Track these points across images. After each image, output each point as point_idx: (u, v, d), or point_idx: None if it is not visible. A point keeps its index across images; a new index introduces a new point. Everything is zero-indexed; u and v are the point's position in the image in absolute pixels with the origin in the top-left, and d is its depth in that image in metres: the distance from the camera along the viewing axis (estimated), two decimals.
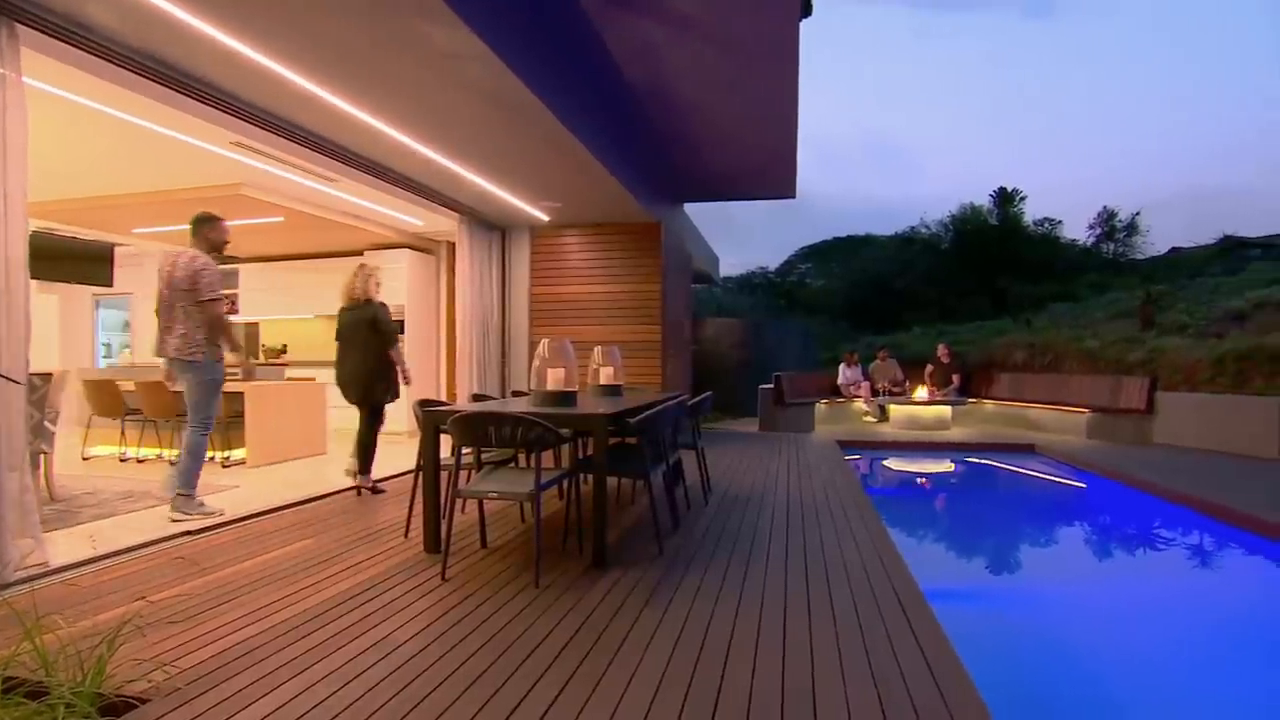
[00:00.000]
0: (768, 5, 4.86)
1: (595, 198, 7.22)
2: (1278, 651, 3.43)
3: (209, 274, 4.42)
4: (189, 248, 4.52)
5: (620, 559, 3.69)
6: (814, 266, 32.22)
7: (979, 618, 3.77)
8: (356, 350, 5.33)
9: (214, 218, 4.67)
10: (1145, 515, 5.91)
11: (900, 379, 11.63)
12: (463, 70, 4.04)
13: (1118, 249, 28.04)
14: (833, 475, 6.37)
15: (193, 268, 4.39)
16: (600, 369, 5.11)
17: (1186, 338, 12.17)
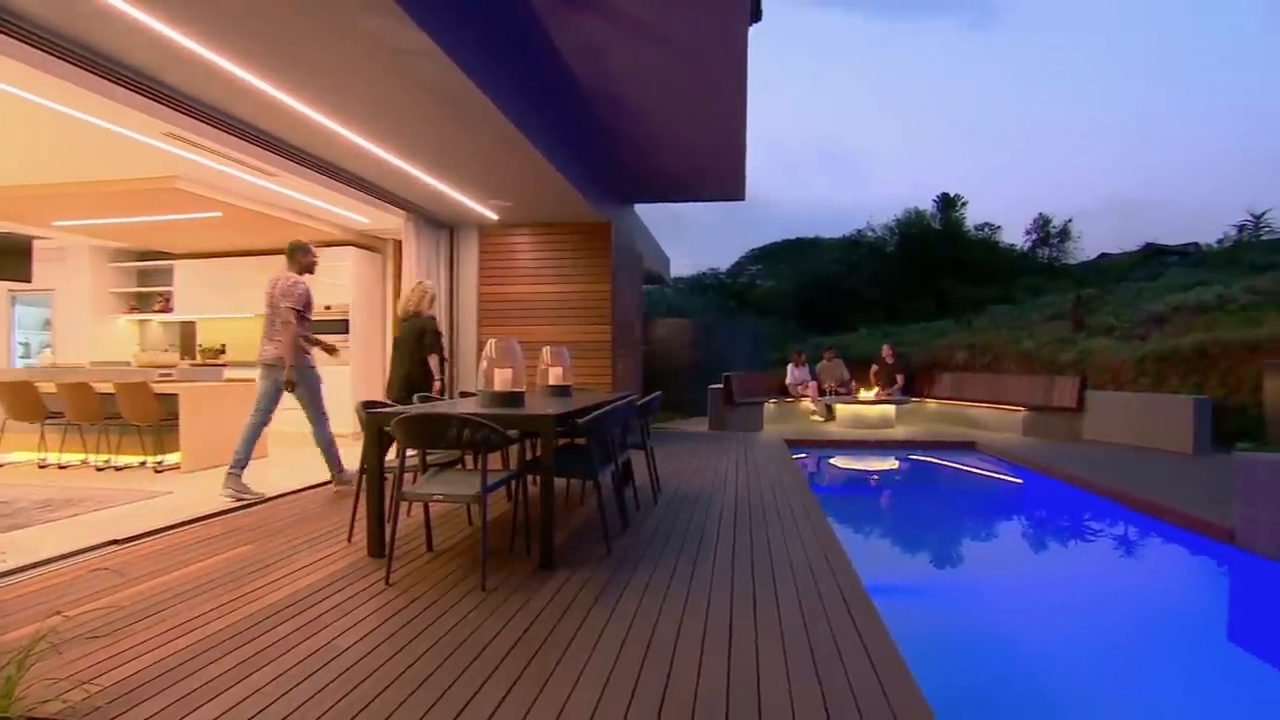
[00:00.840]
0: (716, 9, 4.90)
1: (545, 197, 7.18)
2: (1197, 638, 3.63)
3: (296, 292, 5.29)
4: (287, 272, 5.36)
5: (568, 560, 3.68)
6: (764, 268, 32.61)
7: (921, 612, 3.87)
8: (405, 358, 5.82)
9: (305, 246, 5.50)
10: (1076, 509, 6.17)
11: (846, 379, 11.89)
12: (410, 66, 3.97)
13: (1052, 254, 29.27)
14: (780, 474, 6.47)
15: (284, 286, 5.25)
16: (549, 369, 5.08)
17: (1113, 339, 12.73)
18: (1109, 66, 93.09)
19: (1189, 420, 8.07)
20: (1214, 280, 16.03)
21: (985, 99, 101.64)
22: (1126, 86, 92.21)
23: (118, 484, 5.66)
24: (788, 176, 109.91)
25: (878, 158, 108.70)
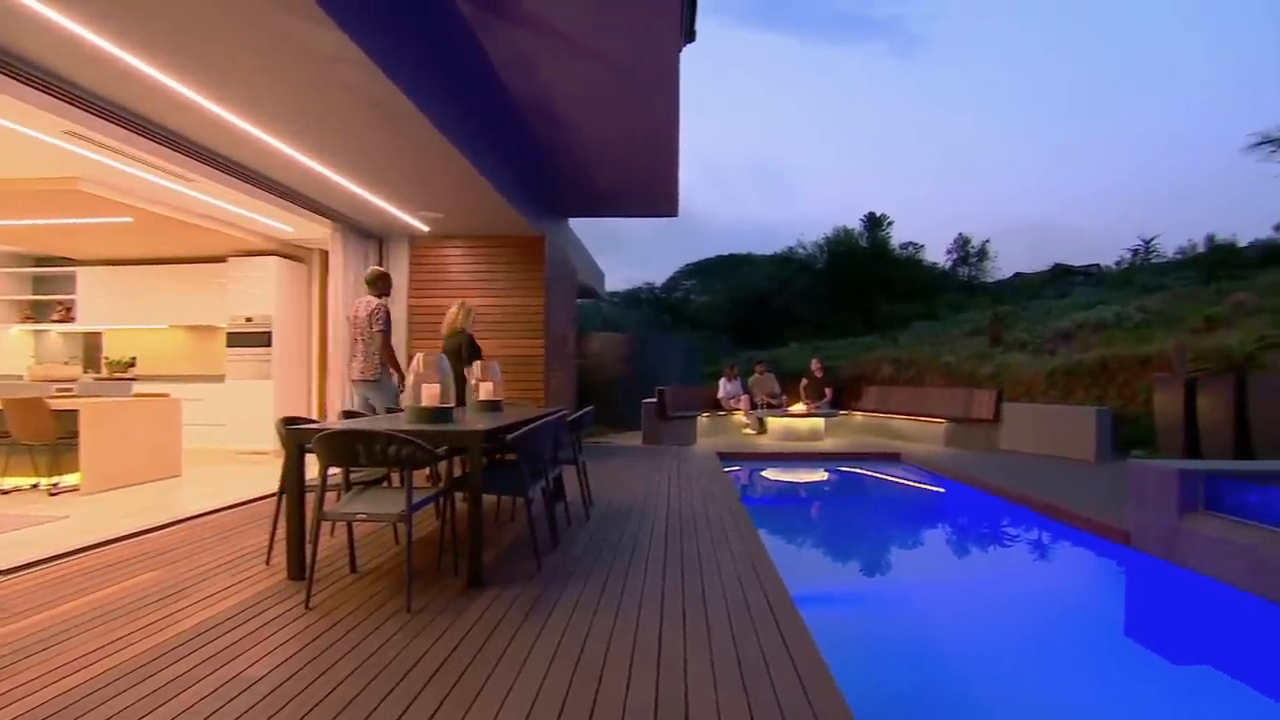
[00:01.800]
0: (648, 29, 4.99)
1: (477, 209, 7.11)
2: (1098, 635, 3.85)
3: (382, 316, 5.91)
4: (369, 296, 6.02)
5: (498, 578, 3.62)
6: (698, 283, 33.11)
7: (847, 620, 3.98)
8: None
9: (386, 274, 6.18)
10: (993, 516, 6.46)
11: (777, 392, 12.16)
12: (335, 72, 3.89)
13: (971, 273, 30.83)
14: (712, 486, 6.55)
15: (370, 310, 5.89)
16: (479, 384, 5.01)
17: (1027, 354, 13.45)
18: (1023, 98, 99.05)
19: (1091, 430, 8.58)
20: (1112, 300, 17.17)
21: (909, 124, 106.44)
22: (1039, 117, 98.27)
23: (3, 509, 5.25)
24: (722, 193, 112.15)
25: (808, 177, 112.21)
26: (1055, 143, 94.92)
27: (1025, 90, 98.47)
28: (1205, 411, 7.40)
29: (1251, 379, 7.04)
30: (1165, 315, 13.44)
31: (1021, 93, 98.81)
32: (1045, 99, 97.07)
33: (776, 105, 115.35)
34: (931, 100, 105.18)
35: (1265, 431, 6.79)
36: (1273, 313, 10.99)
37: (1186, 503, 4.43)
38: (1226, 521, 4.19)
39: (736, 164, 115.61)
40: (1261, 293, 12.92)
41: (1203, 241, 22.67)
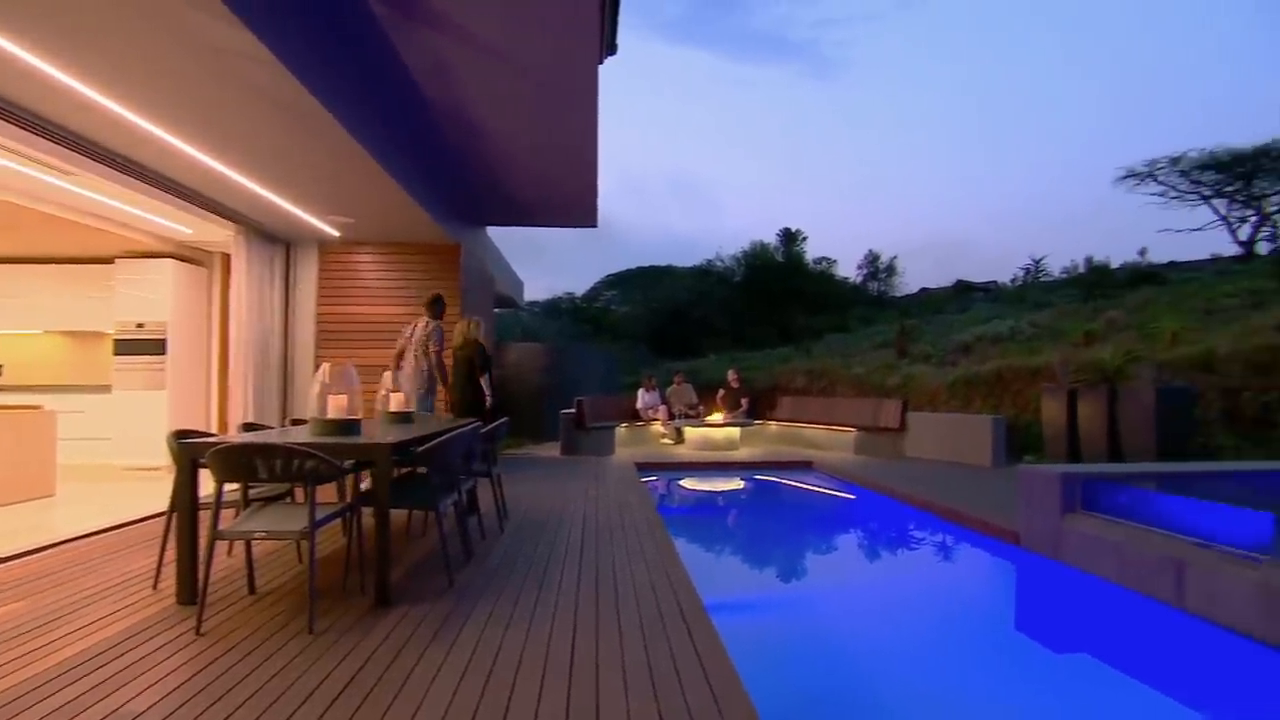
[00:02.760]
0: (567, 40, 5.01)
1: (390, 215, 6.94)
2: (995, 632, 4.09)
3: (438, 335, 6.69)
4: (426, 318, 6.80)
5: (407, 595, 3.53)
6: (619, 294, 33.25)
7: (759, 626, 4.07)
8: (462, 379, 6.80)
9: (440, 298, 6.97)
10: (898, 521, 6.76)
11: (695, 402, 12.35)
12: (235, 68, 3.72)
13: (880, 287, 32.28)
14: (628, 496, 6.58)
15: (428, 331, 6.68)
16: (390, 395, 4.87)
17: (930, 365, 14.18)
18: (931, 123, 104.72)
19: (988, 437, 9.12)
20: (1007, 315, 18.33)
21: (824, 143, 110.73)
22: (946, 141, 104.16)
23: None
24: (643, 204, 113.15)
25: (727, 191, 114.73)
26: (960, 166, 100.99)
27: (933, 115, 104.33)
28: (1084, 419, 8.01)
29: (1121, 389, 7.67)
30: (1052, 330, 14.47)
31: (930, 118, 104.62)
32: (952, 124, 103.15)
33: (697, 120, 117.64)
34: (845, 121, 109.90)
35: (1131, 437, 7.40)
36: (1138, 329, 12.02)
37: (1067, 504, 4.78)
38: (1099, 520, 4.54)
39: (657, 176, 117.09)
40: (1129, 311, 14.12)
41: (1083, 263, 24.57)
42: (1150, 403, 7.26)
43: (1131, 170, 25.35)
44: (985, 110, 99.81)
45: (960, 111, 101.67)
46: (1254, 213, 23.16)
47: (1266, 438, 7.55)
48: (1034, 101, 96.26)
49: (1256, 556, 3.54)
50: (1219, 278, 16.24)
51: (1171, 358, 9.24)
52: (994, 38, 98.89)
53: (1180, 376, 8.61)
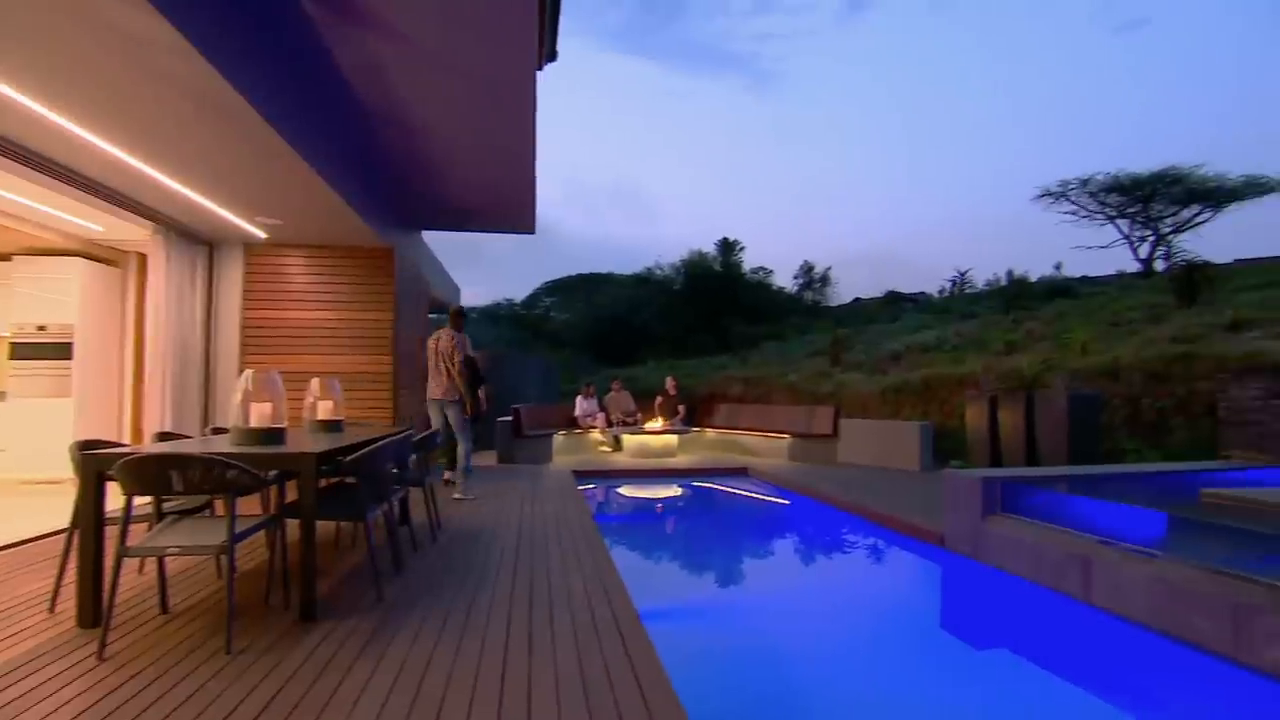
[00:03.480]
0: (504, 44, 4.96)
1: (320, 217, 6.72)
2: (921, 632, 4.22)
3: (463, 346, 7.12)
4: (447, 329, 7.15)
5: (334, 610, 3.40)
6: (559, 300, 33.13)
7: (693, 632, 4.08)
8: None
9: (462, 310, 7.49)
10: (831, 525, 6.91)
11: (633, 410, 12.37)
12: (150, 58, 3.54)
13: (815, 297, 33.13)
14: (565, 506, 6.53)
15: (453, 342, 7.01)
16: (318, 402, 4.70)
17: (863, 373, 14.60)
18: (865, 139, 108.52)
19: (916, 443, 9.45)
20: (935, 325, 19.08)
21: (763, 155, 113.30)
22: (879, 157, 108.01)
23: None
24: (584, 211, 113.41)
25: (667, 199, 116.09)
26: (892, 181, 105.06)
27: (867, 132, 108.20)
28: (1004, 425, 8.39)
29: (1037, 397, 8.07)
30: (976, 339, 15.12)
31: (864, 134, 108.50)
32: (885, 141, 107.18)
33: (639, 128, 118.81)
34: (782, 134, 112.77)
35: (1047, 442, 7.79)
36: (1054, 339, 12.69)
37: (988, 507, 4.98)
38: (1016, 521, 4.76)
39: (599, 183, 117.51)
40: (1046, 322, 14.89)
41: (1005, 276, 25.84)
42: (1063, 409, 7.66)
43: (1047, 190, 26.91)
44: (917, 128, 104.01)
45: (893, 129, 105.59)
46: (1152, 233, 24.92)
47: (1163, 441, 8.07)
48: (962, 121, 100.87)
49: (1152, 552, 3.77)
50: (1123, 292, 17.31)
51: (1082, 366, 9.77)
52: (927, 59, 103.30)
53: (1090, 384, 9.12)
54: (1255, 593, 3.17)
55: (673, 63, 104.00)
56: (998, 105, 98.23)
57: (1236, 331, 9.97)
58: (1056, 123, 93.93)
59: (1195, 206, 23.92)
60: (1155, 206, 24.62)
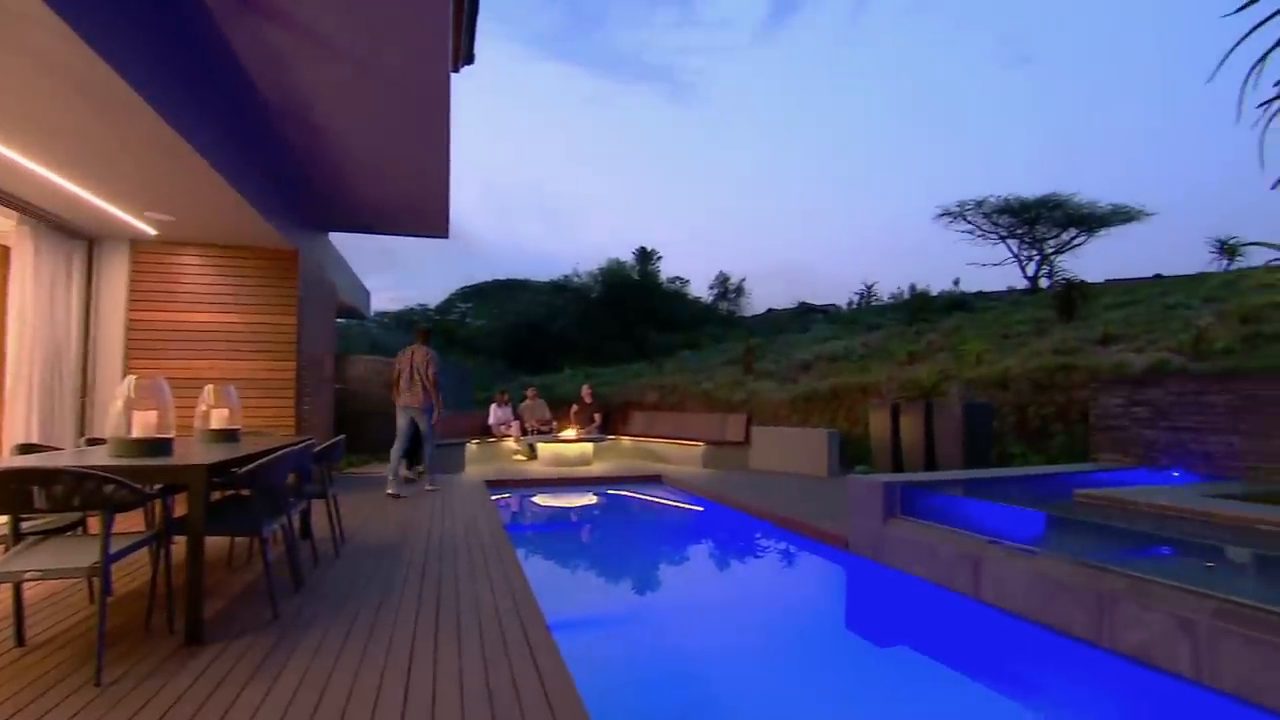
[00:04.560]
0: (417, 44, 4.83)
1: (217, 214, 6.34)
2: (828, 633, 4.36)
3: (436, 360, 7.94)
4: (420, 345, 7.97)
5: (225, 631, 3.20)
6: (474, 306, 32.49)
7: (604, 642, 4.07)
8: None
9: (431, 331, 8.61)
10: (742, 531, 7.05)
11: (548, 418, 12.26)
12: (17, 32, 3.26)
13: (730, 307, 33.86)
14: (476, 516, 6.40)
15: (428, 358, 7.86)
16: (212, 411, 4.43)
17: (774, 382, 15.01)
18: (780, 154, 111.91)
19: (824, 449, 9.78)
20: (843, 335, 19.86)
21: (681, 166, 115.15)
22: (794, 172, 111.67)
23: None
24: (502, 216, 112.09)
25: (586, 207, 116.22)
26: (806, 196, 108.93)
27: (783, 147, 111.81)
28: (905, 432, 8.80)
29: (935, 404, 8.52)
30: (881, 350, 15.84)
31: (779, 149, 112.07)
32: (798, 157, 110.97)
33: (560, 135, 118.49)
34: (702, 147, 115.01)
35: (944, 448, 8.24)
36: (952, 350, 13.45)
37: (888, 511, 5.22)
38: (914, 524, 5.00)
39: (519, 189, 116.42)
40: (944, 334, 15.77)
41: (908, 289, 27.23)
42: (958, 417, 8.12)
43: (947, 210, 28.63)
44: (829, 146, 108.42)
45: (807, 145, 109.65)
46: (1037, 253, 26.97)
47: (1046, 446, 8.68)
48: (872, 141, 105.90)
49: (1031, 549, 4.05)
50: (1013, 307, 18.56)
51: (976, 376, 10.40)
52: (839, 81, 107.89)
53: (983, 393, 9.71)
54: (1116, 583, 3.45)
55: (595, 70, 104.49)
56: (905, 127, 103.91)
57: (1106, 345, 10.87)
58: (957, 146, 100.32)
59: (1073, 230, 26.06)
60: (1040, 229, 26.66)
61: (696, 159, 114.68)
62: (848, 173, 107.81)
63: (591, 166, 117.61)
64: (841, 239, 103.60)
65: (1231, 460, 6.09)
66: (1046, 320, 14.50)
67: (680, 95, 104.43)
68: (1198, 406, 6.41)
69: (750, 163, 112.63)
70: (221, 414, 4.49)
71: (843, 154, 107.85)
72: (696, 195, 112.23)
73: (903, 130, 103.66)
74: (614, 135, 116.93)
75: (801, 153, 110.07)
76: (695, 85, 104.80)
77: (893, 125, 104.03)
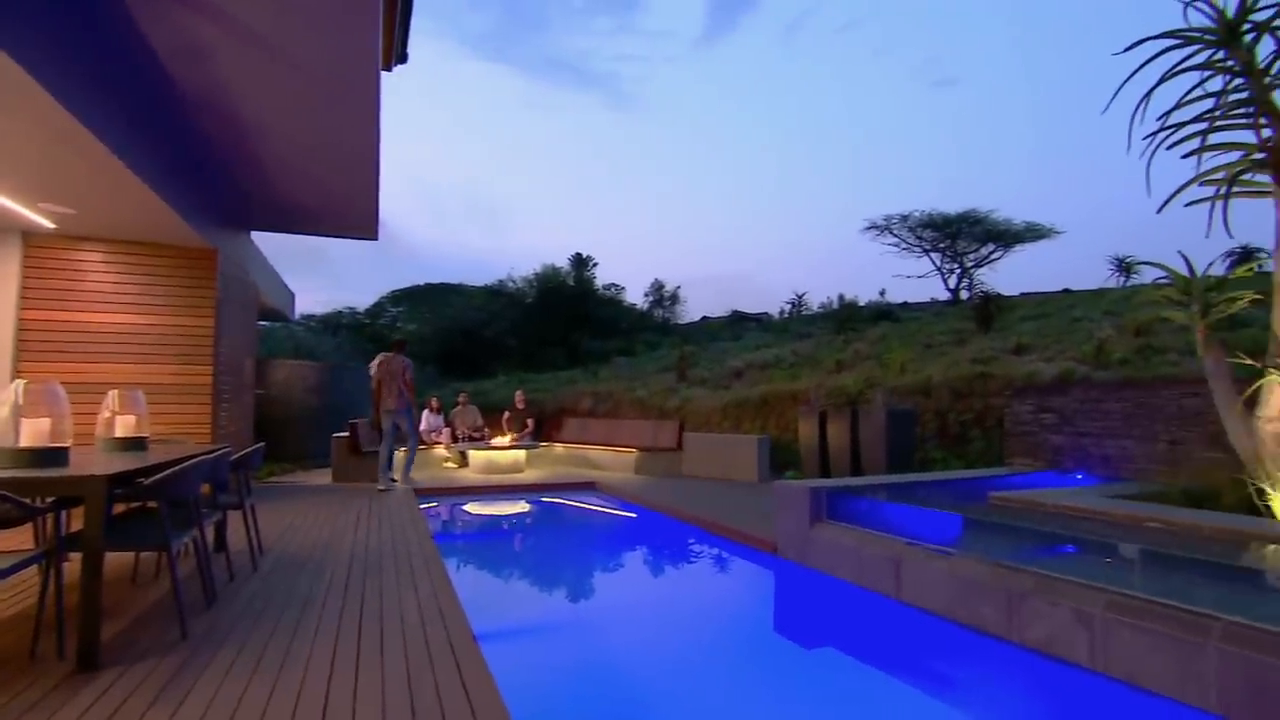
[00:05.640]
0: (345, 40, 4.70)
1: (124, 208, 5.97)
2: (757, 636, 4.42)
3: (410, 368, 8.85)
4: (395, 354, 8.81)
5: (125, 655, 3.00)
6: (406, 310, 31.67)
7: (534, 652, 4.00)
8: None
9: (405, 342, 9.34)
10: (674, 537, 7.09)
11: (480, 425, 12.06)
12: None
13: (665, 314, 34.08)
14: (404, 526, 6.23)
15: (403, 364, 8.75)
16: (116, 417, 4.17)
17: (707, 389, 15.20)
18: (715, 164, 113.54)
19: (754, 455, 9.95)
20: (774, 343, 20.27)
21: (618, 173, 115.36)
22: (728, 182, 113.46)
23: None
24: (436, 219, 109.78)
25: (522, 211, 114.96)
26: (741, 205, 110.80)
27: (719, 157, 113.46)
28: (832, 438, 9.04)
29: (861, 411, 8.79)
30: (810, 358, 16.24)
31: (715, 159, 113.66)
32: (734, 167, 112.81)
33: (497, 138, 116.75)
34: (639, 155, 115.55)
35: (869, 453, 8.50)
36: (877, 359, 13.92)
37: (815, 515, 5.34)
38: (839, 528, 5.14)
39: (454, 192, 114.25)
40: (871, 343, 16.31)
41: (837, 299, 28.02)
42: (882, 423, 8.39)
43: (874, 223, 29.73)
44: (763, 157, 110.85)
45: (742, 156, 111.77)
46: (958, 266, 28.32)
47: (964, 451, 9.08)
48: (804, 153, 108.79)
49: (948, 551, 4.22)
50: (935, 318, 19.38)
51: (900, 384, 10.79)
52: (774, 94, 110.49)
53: (907, 400, 10.08)
54: (1024, 581, 3.63)
55: (533, 74, 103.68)
56: (836, 141, 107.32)
57: (1020, 355, 11.46)
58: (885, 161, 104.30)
59: (991, 245, 27.50)
60: (961, 243, 28.02)
61: (634, 166, 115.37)
62: (781, 184, 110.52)
63: (529, 171, 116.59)
64: (775, 249, 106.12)
65: (1127, 463, 6.51)
66: (966, 331, 15.18)
67: (619, 103, 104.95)
68: (1098, 413, 6.83)
69: (687, 171, 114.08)
70: (127, 421, 4.23)
71: (777, 166, 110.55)
72: (633, 202, 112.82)
73: (834, 144, 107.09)
74: (552, 140, 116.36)
75: (737, 163, 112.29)
76: (634, 94, 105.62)
77: (825, 139, 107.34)
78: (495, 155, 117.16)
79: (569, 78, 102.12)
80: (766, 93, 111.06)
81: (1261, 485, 4.60)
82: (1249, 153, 4.96)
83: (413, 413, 8.86)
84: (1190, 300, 5.32)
